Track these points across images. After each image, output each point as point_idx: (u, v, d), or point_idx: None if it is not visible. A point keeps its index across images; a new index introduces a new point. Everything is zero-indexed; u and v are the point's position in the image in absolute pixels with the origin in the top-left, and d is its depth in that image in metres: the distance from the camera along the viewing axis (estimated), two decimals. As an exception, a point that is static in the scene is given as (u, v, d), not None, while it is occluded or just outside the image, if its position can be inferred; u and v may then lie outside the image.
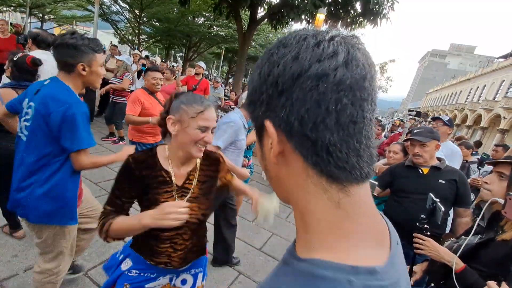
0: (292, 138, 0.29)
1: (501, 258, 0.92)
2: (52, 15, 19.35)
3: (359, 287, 0.26)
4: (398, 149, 2.31)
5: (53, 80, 1.20)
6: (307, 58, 0.28)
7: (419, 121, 14.22)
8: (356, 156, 0.29)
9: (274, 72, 0.29)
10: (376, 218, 0.33)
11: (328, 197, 0.29)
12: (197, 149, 0.93)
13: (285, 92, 0.28)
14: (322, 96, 0.27)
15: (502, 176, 1.12)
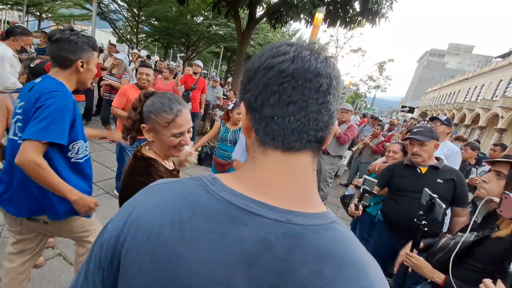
0: (251, 112, 0.39)
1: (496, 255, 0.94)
2: (49, 14, 19.22)
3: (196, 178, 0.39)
4: (397, 149, 2.31)
5: (44, 77, 1.13)
6: (266, 55, 0.38)
7: (417, 121, 14.27)
8: (286, 129, 0.36)
9: (247, 66, 0.40)
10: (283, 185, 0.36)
11: (251, 155, 0.40)
12: (176, 150, 0.95)
13: (251, 80, 0.39)
14: (269, 81, 0.36)
15: (500, 175, 1.13)
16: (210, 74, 22.33)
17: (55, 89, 1.05)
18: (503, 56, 28.80)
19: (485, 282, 0.84)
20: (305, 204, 0.36)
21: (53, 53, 1.11)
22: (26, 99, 1.08)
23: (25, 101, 1.08)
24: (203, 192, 0.36)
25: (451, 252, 1.07)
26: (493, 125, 23.47)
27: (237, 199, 0.35)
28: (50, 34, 1.11)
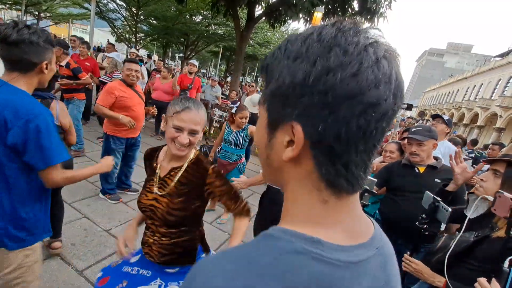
0: (317, 149, 0.30)
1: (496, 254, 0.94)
2: (48, 13, 19.15)
3: (297, 247, 0.29)
4: (394, 149, 2.32)
5: (2, 84, 0.96)
6: (367, 79, 0.27)
7: (416, 120, 14.28)
8: (363, 172, 0.32)
9: (328, 81, 0.27)
10: (359, 218, 0.36)
11: (319, 196, 0.32)
12: (175, 147, 0.98)
13: (332, 107, 0.28)
14: (366, 123, 0.28)
15: (496, 174, 1.13)
16: (209, 73, 22.29)
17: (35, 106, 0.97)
18: (502, 55, 28.87)
19: (480, 281, 0.85)
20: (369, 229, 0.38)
21: (11, 57, 0.96)
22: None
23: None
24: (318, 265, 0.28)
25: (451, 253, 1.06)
26: (492, 124, 23.54)
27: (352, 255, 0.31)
28: (2, 35, 0.92)
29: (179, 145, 0.97)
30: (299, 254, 0.28)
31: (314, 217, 0.33)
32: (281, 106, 0.31)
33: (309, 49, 0.29)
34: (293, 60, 0.30)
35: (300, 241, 0.30)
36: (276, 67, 0.32)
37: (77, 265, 1.90)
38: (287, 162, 0.33)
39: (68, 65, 3.35)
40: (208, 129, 6.09)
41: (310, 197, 0.33)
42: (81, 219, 2.40)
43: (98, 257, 2.01)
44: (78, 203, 2.61)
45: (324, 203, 0.33)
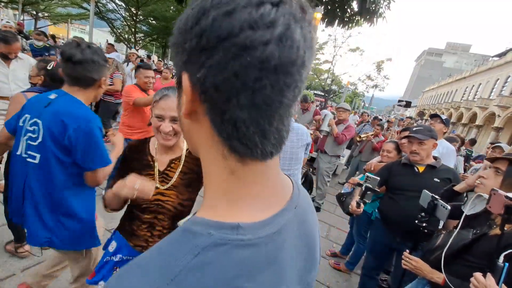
0: (205, 101, 0.28)
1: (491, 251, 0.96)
2: (46, 13, 19.08)
3: (216, 239, 0.27)
4: (391, 148, 2.34)
5: (61, 94, 1.11)
6: (241, 19, 0.24)
7: (415, 120, 14.32)
8: (261, 137, 0.28)
9: (202, 23, 0.25)
10: (274, 185, 0.34)
11: (225, 165, 0.30)
12: (160, 137, 0.99)
13: (207, 50, 0.26)
14: (242, 70, 0.25)
15: (498, 172, 1.15)
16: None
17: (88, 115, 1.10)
18: (500, 55, 28.98)
19: (476, 276, 0.87)
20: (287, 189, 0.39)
21: (75, 74, 1.10)
22: (45, 119, 1.06)
23: (42, 120, 1.06)
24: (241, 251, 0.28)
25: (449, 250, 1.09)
26: (490, 123, 23.64)
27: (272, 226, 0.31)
28: (68, 54, 1.05)
29: (163, 134, 0.97)
30: (219, 246, 0.27)
31: (227, 194, 0.31)
32: (176, 56, 0.29)
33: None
34: (186, 10, 0.29)
35: (219, 231, 0.28)
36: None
37: (80, 265, 1.92)
38: (189, 121, 0.31)
39: None
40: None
41: (218, 166, 0.31)
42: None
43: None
44: (79, 203, 2.63)
45: (232, 174, 0.30)
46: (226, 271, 0.26)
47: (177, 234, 0.29)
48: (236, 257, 0.27)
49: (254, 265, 0.28)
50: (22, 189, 1.12)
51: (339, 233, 3.39)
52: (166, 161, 1.05)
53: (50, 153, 1.06)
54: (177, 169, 1.04)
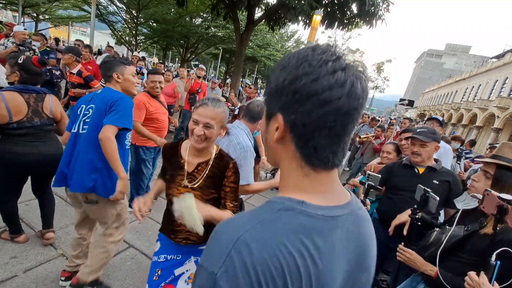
0: (293, 133, 0.42)
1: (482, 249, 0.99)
2: (47, 15, 19.16)
3: (287, 205, 0.41)
4: (391, 149, 2.36)
5: (105, 89, 1.61)
6: (322, 84, 0.38)
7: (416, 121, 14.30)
8: (332, 154, 0.43)
9: (296, 85, 0.40)
10: (336, 188, 0.47)
11: (302, 171, 0.44)
12: (193, 139, 1.10)
13: (299, 103, 0.40)
14: (323, 115, 0.39)
15: (487, 176, 1.18)
16: (209, 75, 22.36)
17: (120, 95, 1.56)
18: (498, 57, 29.06)
19: (470, 274, 0.90)
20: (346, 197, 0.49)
21: (101, 74, 1.64)
22: (96, 102, 1.54)
23: (95, 103, 1.54)
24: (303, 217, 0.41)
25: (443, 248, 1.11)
26: (490, 124, 23.66)
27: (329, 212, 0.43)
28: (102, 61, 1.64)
29: (196, 136, 1.08)
30: (288, 210, 0.41)
31: (300, 187, 0.45)
32: (272, 102, 0.44)
33: (289, 62, 0.42)
34: (280, 70, 0.43)
35: (290, 202, 0.42)
36: (271, 75, 0.45)
37: (82, 265, 1.94)
38: (277, 144, 0.45)
39: (80, 73, 3.31)
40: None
41: (296, 172, 0.45)
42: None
43: (102, 258, 2.05)
44: (81, 204, 2.65)
45: (306, 177, 0.44)
46: (291, 226, 0.39)
47: (263, 204, 0.43)
48: (298, 220, 0.40)
49: (311, 229, 0.40)
50: (71, 153, 1.53)
51: (339, 234, 3.40)
52: (194, 164, 1.16)
53: (97, 123, 1.48)
54: (203, 172, 1.15)
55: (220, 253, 0.37)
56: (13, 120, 1.64)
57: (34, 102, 1.73)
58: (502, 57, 26.89)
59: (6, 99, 1.61)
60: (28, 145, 1.72)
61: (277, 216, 0.40)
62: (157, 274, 1.19)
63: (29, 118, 1.70)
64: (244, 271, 0.35)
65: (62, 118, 1.91)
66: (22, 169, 1.77)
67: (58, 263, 1.91)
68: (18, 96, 1.66)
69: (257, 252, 0.36)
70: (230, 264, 0.36)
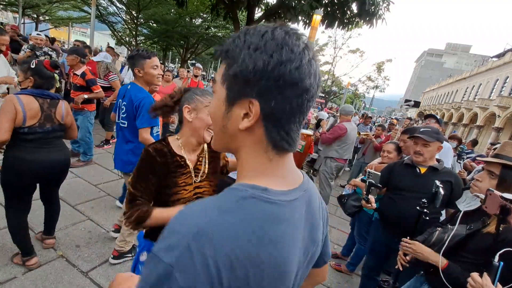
0: (266, 119, 0.41)
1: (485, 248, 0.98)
2: (47, 16, 19.18)
3: (250, 193, 0.40)
4: (391, 149, 2.35)
5: (131, 84, 1.90)
6: (304, 72, 0.39)
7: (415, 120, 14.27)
8: (297, 137, 0.44)
9: (280, 70, 0.38)
10: (293, 170, 0.48)
11: (266, 156, 0.44)
12: (208, 133, 1.10)
13: (281, 89, 0.39)
14: (301, 102, 0.40)
15: (492, 175, 1.16)
16: (209, 76, 22.35)
17: (142, 96, 1.83)
18: (498, 56, 28.98)
19: (473, 276, 0.89)
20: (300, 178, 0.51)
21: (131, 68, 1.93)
22: (126, 100, 1.88)
23: (125, 101, 1.88)
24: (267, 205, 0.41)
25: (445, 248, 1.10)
26: (491, 124, 23.59)
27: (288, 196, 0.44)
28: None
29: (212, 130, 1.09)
30: (253, 198, 0.40)
31: (263, 172, 0.44)
32: (241, 86, 0.40)
33: (266, 44, 0.38)
34: (254, 51, 0.38)
35: (254, 189, 0.41)
36: (238, 54, 0.39)
37: (82, 267, 1.93)
38: (242, 131, 0.42)
39: (84, 75, 3.26)
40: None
41: (260, 157, 0.44)
42: (85, 221, 2.43)
43: (102, 259, 2.04)
44: (82, 205, 2.64)
45: (270, 161, 0.44)
46: (255, 216, 0.39)
47: (224, 191, 0.42)
48: (261, 207, 0.40)
49: (275, 216, 0.40)
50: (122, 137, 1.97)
51: (340, 234, 3.39)
52: (194, 158, 1.16)
53: (131, 121, 1.86)
54: (203, 161, 1.17)
55: (178, 243, 0.35)
56: (26, 125, 1.60)
57: (48, 108, 1.70)
58: (502, 56, 26.81)
59: (23, 103, 1.57)
60: (37, 152, 1.67)
61: (240, 204, 0.39)
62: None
63: (41, 124, 1.66)
64: (204, 263, 0.34)
65: (72, 124, 1.89)
66: (32, 176, 1.71)
67: (58, 265, 1.90)
68: (33, 100, 1.63)
69: (218, 244, 0.35)
70: (189, 255, 0.34)
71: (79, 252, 2.06)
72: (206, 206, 0.39)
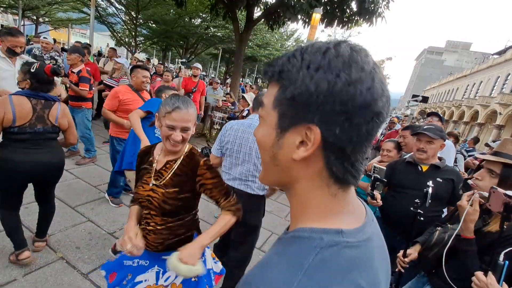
0: (327, 149, 0.35)
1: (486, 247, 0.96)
2: (46, 18, 19.22)
3: (328, 241, 0.34)
4: (391, 147, 2.33)
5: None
6: (377, 93, 0.33)
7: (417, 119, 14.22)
8: (361, 169, 0.38)
9: (349, 92, 0.32)
10: (357, 203, 0.43)
11: (329, 191, 0.37)
12: (169, 144, 1.07)
13: (349, 114, 0.32)
14: (371, 128, 0.34)
15: (492, 174, 1.14)
16: (209, 76, 22.35)
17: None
18: (500, 53, 28.87)
19: (477, 275, 0.87)
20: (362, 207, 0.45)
21: None
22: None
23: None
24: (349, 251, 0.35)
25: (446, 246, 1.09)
26: (492, 121, 23.51)
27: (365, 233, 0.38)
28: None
29: (173, 141, 1.06)
30: (332, 247, 0.34)
31: (328, 210, 0.38)
32: (299, 110, 0.34)
33: (331, 62, 0.33)
34: (315, 70, 0.33)
35: (328, 236, 0.35)
36: (295, 74, 0.34)
37: (82, 268, 1.92)
38: (297, 161, 0.36)
39: (79, 73, 3.34)
40: (209, 131, 6.11)
41: (322, 193, 0.38)
42: (85, 223, 2.42)
43: (102, 260, 2.03)
44: (81, 207, 2.64)
45: (334, 197, 0.38)
46: (340, 267, 0.33)
47: (288, 240, 0.37)
48: (346, 255, 0.34)
49: (360, 262, 0.35)
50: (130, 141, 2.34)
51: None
52: (163, 162, 1.14)
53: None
54: (170, 169, 1.12)
55: None
56: (15, 125, 1.60)
57: (41, 109, 1.69)
58: (503, 53, 26.72)
59: (14, 104, 1.58)
60: (26, 152, 1.67)
61: (322, 258, 0.33)
62: (127, 278, 1.15)
63: (32, 124, 1.65)
64: None
65: (69, 127, 1.86)
66: (21, 176, 1.72)
67: (58, 267, 1.89)
68: (26, 100, 1.63)
69: None
70: None
71: (79, 254, 2.05)
72: (283, 267, 0.33)
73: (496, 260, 0.82)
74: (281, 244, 0.37)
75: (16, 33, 2.47)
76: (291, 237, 0.37)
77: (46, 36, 4.23)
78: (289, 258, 0.34)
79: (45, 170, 1.77)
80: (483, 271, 0.87)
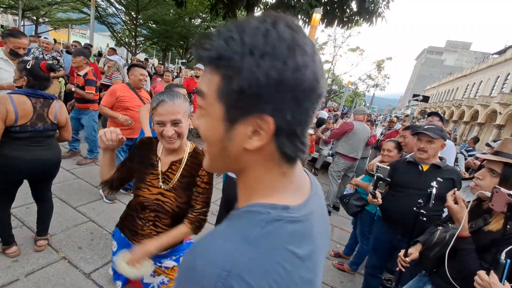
0: (282, 133, 0.35)
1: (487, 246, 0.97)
2: (46, 18, 19.20)
3: (274, 216, 0.36)
4: (391, 147, 2.33)
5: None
6: (318, 74, 0.34)
7: (417, 119, 14.23)
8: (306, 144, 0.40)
9: (297, 78, 0.32)
10: (302, 178, 0.45)
11: (279, 170, 0.39)
12: (165, 141, 1.02)
13: (298, 100, 0.33)
14: (314, 108, 0.36)
15: (493, 173, 1.14)
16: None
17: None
18: (500, 53, 28.87)
19: (480, 274, 0.87)
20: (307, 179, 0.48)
21: None
22: None
23: None
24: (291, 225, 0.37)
25: (447, 246, 1.09)
26: (492, 121, 23.52)
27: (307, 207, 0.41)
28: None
29: (167, 138, 1.00)
30: (277, 221, 0.36)
31: (279, 188, 0.40)
32: (249, 102, 0.32)
33: (276, 48, 0.31)
34: (260, 57, 0.30)
35: (275, 211, 0.36)
36: (239, 62, 0.31)
37: (84, 268, 1.93)
38: (249, 150, 0.36)
39: (85, 75, 3.33)
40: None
41: (273, 173, 0.39)
42: (86, 223, 2.43)
43: (104, 260, 2.04)
44: (83, 207, 2.64)
45: (283, 175, 0.40)
46: (283, 239, 0.35)
47: (240, 214, 0.38)
48: (288, 229, 0.36)
49: (300, 235, 0.37)
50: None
51: (343, 233, 3.38)
52: (168, 163, 1.09)
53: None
54: (177, 171, 1.08)
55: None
56: (17, 124, 1.62)
57: (41, 107, 1.71)
58: (503, 53, 26.72)
59: (15, 103, 1.59)
60: (25, 150, 1.69)
61: (266, 231, 0.34)
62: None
63: (33, 123, 1.68)
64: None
65: (66, 124, 1.88)
66: (18, 173, 1.73)
67: (60, 267, 1.90)
68: (27, 100, 1.64)
69: (254, 283, 0.31)
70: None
71: (81, 254, 2.05)
72: (230, 238, 0.34)
73: (498, 259, 0.83)
74: (232, 218, 0.38)
75: (19, 34, 2.47)
76: (242, 211, 0.38)
77: (46, 36, 4.23)
78: (237, 230, 0.35)
79: (45, 167, 1.80)
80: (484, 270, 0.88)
